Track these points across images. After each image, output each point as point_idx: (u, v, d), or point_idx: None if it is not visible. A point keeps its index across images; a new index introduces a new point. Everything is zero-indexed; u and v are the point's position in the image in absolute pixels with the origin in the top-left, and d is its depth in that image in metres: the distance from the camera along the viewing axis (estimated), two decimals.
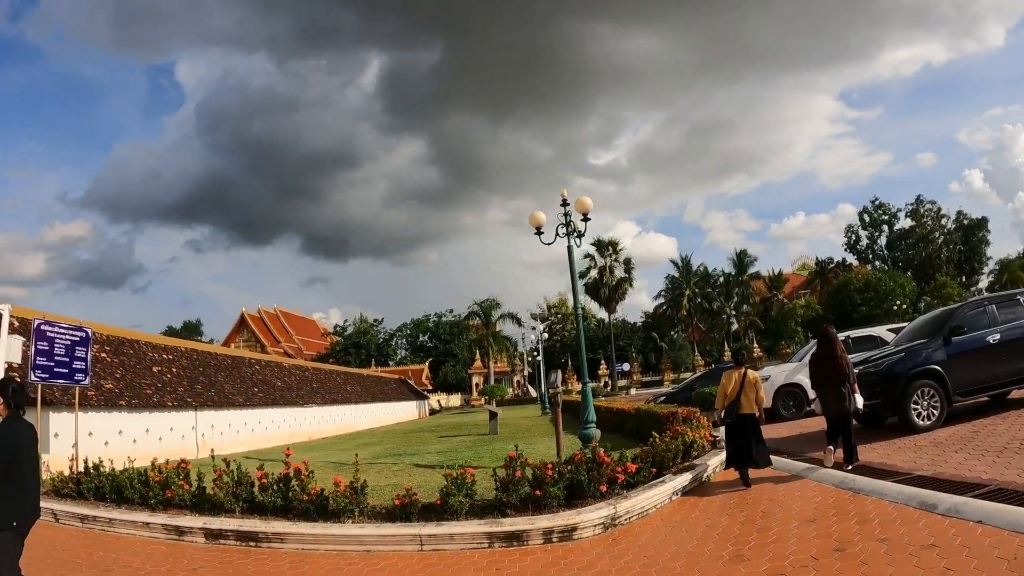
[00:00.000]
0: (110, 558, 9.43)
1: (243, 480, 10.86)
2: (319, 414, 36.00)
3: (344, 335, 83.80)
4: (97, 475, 13.19)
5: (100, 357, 23.41)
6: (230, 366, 31.73)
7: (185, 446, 24.17)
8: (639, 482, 9.69)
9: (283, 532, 9.30)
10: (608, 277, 70.09)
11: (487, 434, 24.15)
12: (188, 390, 26.41)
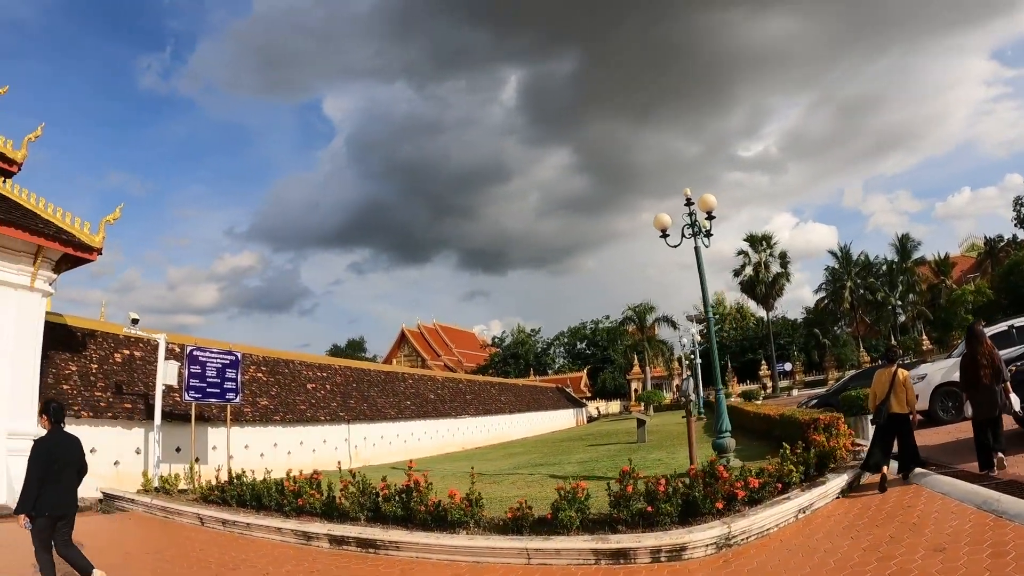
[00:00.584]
0: (239, 558, 9.96)
1: (367, 490, 11.18)
2: (472, 425, 36.43)
3: (503, 346, 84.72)
4: (240, 484, 13.84)
5: (256, 377, 24.74)
6: (383, 381, 32.58)
7: (338, 457, 24.82)
8: (762, 498, 9.06)
9: (399, 540, 9.46)
10: (764, 273, 66.97)
11: (635, 442, 23.70)
12: (341, 405, 27.29)
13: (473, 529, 9.52)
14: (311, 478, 12.63)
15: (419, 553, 9.14)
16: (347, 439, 26.32)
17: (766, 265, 67.32)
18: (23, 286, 16.01)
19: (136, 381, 19.66)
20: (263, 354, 26.64)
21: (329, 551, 10.08)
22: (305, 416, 24.78)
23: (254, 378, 24.61)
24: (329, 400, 27.07)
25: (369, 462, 25.67)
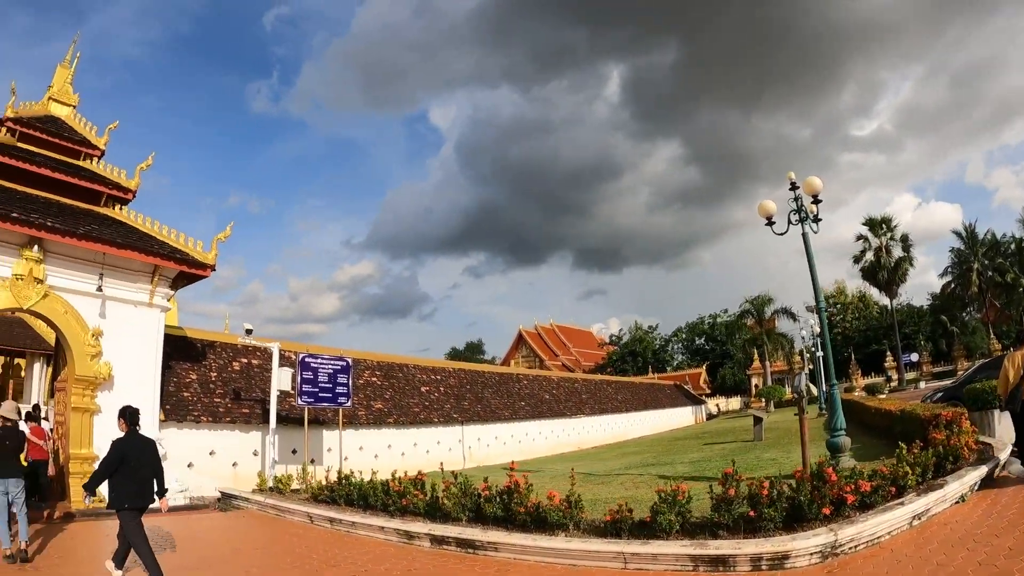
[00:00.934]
0: (341, 555, 10.14)
1: (469, 491, 11.20)
2: (588, 424, 36.18)
3: (620, 344, 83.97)
4: (347, 484, 14.09)
5: (371, 381, 25.28)
6: (498, 382, 32.73)
7: (451, 458, 25.10)
8: (874, 503, 8.44)
9: (497, 541, 9.41)
10: (885, 258, 62.82)
11: (751, 440, 23.03)
12: (455, 407, 27.54)
13: (572, 531, 9.36)
14: (415, 479, 12.78)
15: (516, 554, 9.07)
16: (461, 440, 26.53)
17: (887, 249, 63.26)
18: (142, 303, 17.04)
19: (253, 387, 20.35)
20: (377, 359, 27.15)
21: (429, 550, 10.14)
22: (419, 418, 25.14)
23: (368, 382, 25.14)
24: (443, 402, 27.34)
25: (483, 462, 25.79)
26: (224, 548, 11.38)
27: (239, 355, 21.36)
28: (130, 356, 16.50)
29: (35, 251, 15.05)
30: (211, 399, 19.13)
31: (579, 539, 8.84)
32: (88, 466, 14.70)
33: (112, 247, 15.92)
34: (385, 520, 11.75)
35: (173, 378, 18.72)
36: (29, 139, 17.07)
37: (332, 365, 19.59)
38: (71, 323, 15.67)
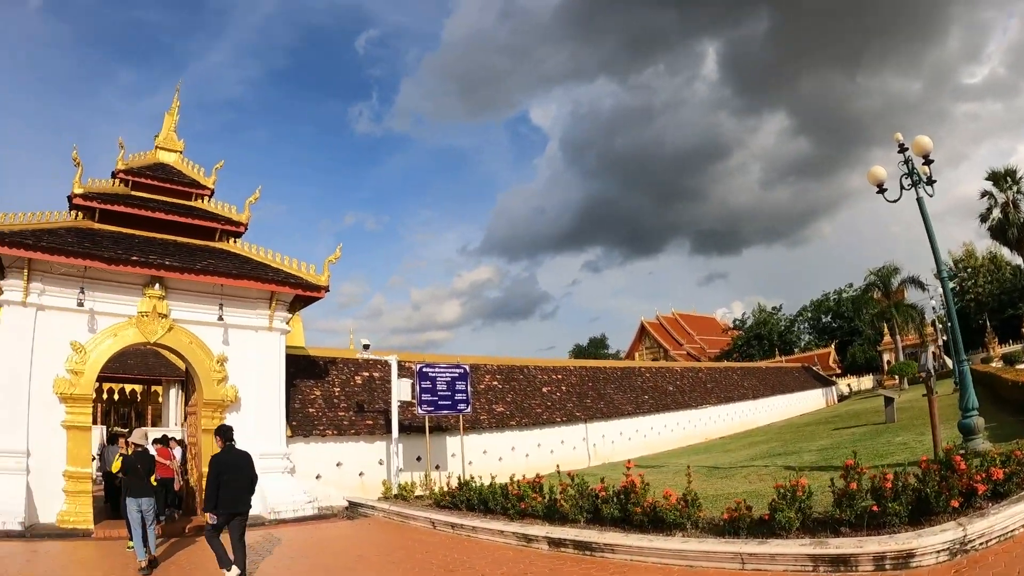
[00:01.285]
0: (460, 560, 10.27)
1: (586, 492, 11.20)
2: (713, 414, 35.46)
3: (744, 328, 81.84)
4: (468, 489, 14.33)
5: (492, 385, 25.51)
6: (620, 377, 32.45)
7: (576, 456, 25.12)
8: (1008, 492, 7.89)
9: (614, 543, 9.32)
10: (1013, 214, 57.66)
11: (882, 423, 22.13)
12: (577, 405, 27.46)
13: (690, 531, 9.22)
14: (533, 482, 12.85)
15: (633, 556, 8.94)
16: (585, 438, 26.41)
17: (1015, 204, 58.23)
18: (262, 327, 17.79)
19: (376, 399, 20.85)
20: (497, 363, 27.37)
21: (548, 553, 10.13)
22: (541, 419, 25.18)
23: (489, 387, 25.37)
24: (565, 401, 27.31)
25: (609, 459, 25.64)
26: (349, 555, 11.77)
27: (360, 369, 21.90)
28: (254, 378, 17.28)
29: (157, 289, 16.04)
30: (335, 413, 19.72)
31: (696, 539, 8.67)
32: None
33: (228, 279, 16.75)
34: (504, 524, 11.86)
35: (298, 395, 19.37)
36: (141, 187, 18.05)
37: (450, 373, 19.83)
38: (196, 352, 16.54)
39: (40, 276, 15.22)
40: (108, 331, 15.76)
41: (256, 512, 15.65)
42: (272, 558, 11.35)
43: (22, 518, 13.53)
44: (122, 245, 16.19)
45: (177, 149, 19.39)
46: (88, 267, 15.31)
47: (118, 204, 17.05)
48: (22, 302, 15.06)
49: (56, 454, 14.82)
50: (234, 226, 18.63)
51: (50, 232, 15.54)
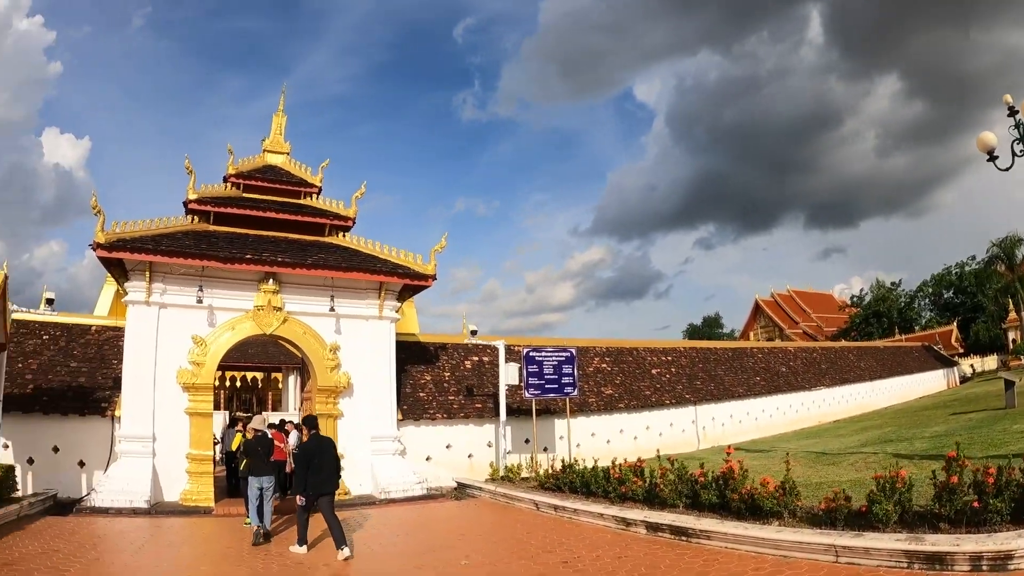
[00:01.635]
0: (558, 541, 10.57)
1: (684, 477, 11.40)
2: (827, 396, 34.45)
3: (862, 305, 78.70)
4: (571, 472, 14.62)
5: (601, 368, 25.65)
6: (731, 358, 32.04)
7: (686, 439, 25.06)
8: None
9: (709, 530, 9.42)
10: None
11: (1002, 408, 21.27)
12: (687, 387, 27.30)
13: (787, 520, 9.26)
14: (634, 466, 12.99)
15: (728, 543, 9.00)
16: (694, 421, 26.28)
17: None
18: (373, 316, 18.51)
19: (485, 383, 21.35)
20: (606, 345, 27.49)
21: (645, 537, 10.30)
22: (650, 401, 25.15)
23: (598, 369, 25.51)
24: (674, 383, 27.19)
25: (719, 442, 25.40)
26: (452, 534, 12.27)
27: (470, 354, 22.44)
28: (366, 365, 18.04)
29: (271, 284, 17.07)
30: (445, 397, 20.34)
31: (791, 529, 8.68)
32: None
33: (338, 271, 17.51)
34: (605, 507, 12.11)
35: (409, 380, 20.07)
36: (252, 188, 19.20)
37: (556, 357, 20.03)
38: (310, 341, 17.45)
39: (161, 277, 16.55)
40: (227, 325, 16.91)
41: (367, 492, 16.90)
42: (378, 535, 11.98)
43: (148, 497, 14.87)
44: (236, 244, 17.28)
45: (284, 151, 20.41)
46: (205, 267, 16.45)
47: (230, 206, 18.23)
48: (145, 301, 16.45)
49: (180, 439, 16.14)
50: (342, 221, 19.43)
51: (168, 236, 16.75)
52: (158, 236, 16.61)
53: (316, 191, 19.95)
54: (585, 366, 24.66)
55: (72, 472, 16.50)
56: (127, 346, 16.52)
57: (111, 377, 17.85)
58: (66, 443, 16.64)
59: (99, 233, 15.53)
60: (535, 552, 9.82)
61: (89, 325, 20.05)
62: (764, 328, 76.83)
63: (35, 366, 17.68)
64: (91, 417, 16.84)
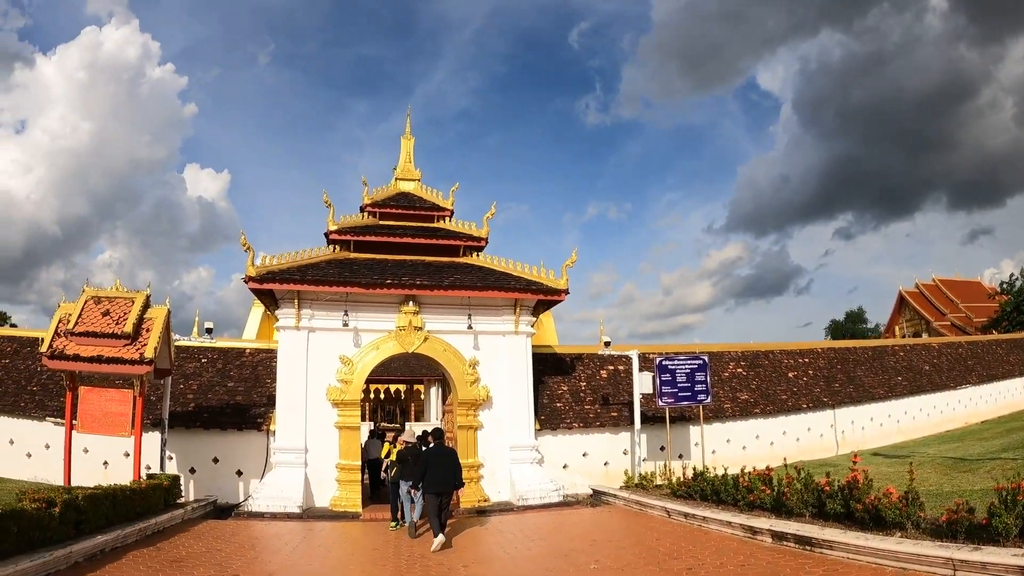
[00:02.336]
0: (684, 548, 11.06)
1: (810, 486, 11.59)
2: (974, 395, 32.93)
3: (1013, 291, 74.00)
4: (702, 479, 15.13)
5: (736, 373, 25.77)
6: (870, 358, 31.24)
7: (823, 444, 24.90)
8: None
9: (832, 540, 9.63)
10: None
11: None
12: (825, 390, 26.98)
13: (909, 531, 9.35)
14: (763, 474, 13.27)
15: (849, 554, 9.23)
16: (832, 425, 25.97)
17: None
18: (509, 332, 19.57)
19: (621, 392, 21.96)
20: (742, 349, 27.55)
21: (770, 546, 10.65)
22: (786, 406, 25.03)
23: (734, 374, 25.64)
24: (812, 386, 26.94)
25: (858, 447, 24.94)
26: (583, 540, 12.91)
27: (606, 363, 23.05)
28: (503, 378, 19.12)
29: (411, 305, 18.51)
30: (581, 407, 21.12)
31: (911, 541, 8.80)
32: (474, 472, 18.10)
33: (474, 291, 18.69)
34: (733, 515, 12.48)
35: (547, 391, 21.00)
36: (387, 216, 20.72)
37: (689, 364, 20.37)
38: (450, 358, 18.70)
39: (309, 303, 18.33)
40: (371, 345, 18.46)
41: (506, 499, 18.03)
42: (513, 539, 12.95)
43: (300, 502, 16.68)
44: (376, 270, 18.75)
45: (415, 177, 21.80)
46: (349, 293, 18.04)
47: (368, 235, 19.80)
48: (295, 326, 18.28)
49: (329, 450, 17.90)
50: (475, 241, 20.58)
51: (313, 266, 18.45)
52: (304, 267, 18.30)
53: (448, 214, 21.16)
54: (720, 371, 24.91)
55: (230, 480, 18.73)
56: (280, 367, 18.36)
57: (265, 395, 19.94)
58: (225, 455, 18.89)
59: (250, 267, 17.38)
60: (662, 558, 10.35)
61: (243, 348, 22.39)
62: (909, 322, 73.73)
63: (196, 387, 20.01)
64: (248, 431, 18.97)
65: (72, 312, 15.94)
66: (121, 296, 16.39)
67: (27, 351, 22.85)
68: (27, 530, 9.47)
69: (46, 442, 19.62)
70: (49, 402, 20.37)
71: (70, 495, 11.12)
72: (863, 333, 73.22)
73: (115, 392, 15.84)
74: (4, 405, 20.81)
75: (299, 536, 13.67)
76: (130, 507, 13.25)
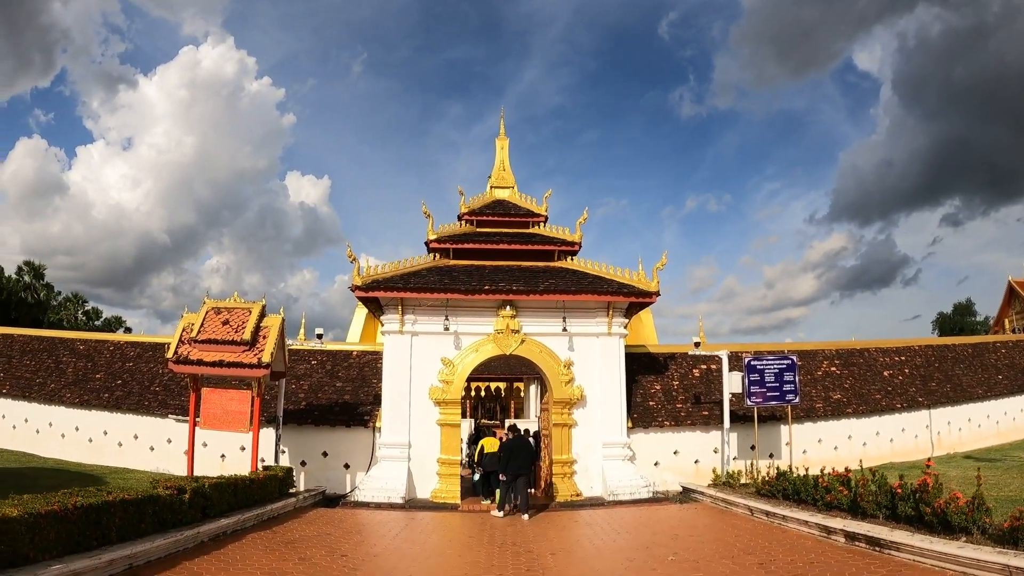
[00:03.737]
0: (761, 545, 11.84)
1: (884, 488, 12.17)
2: None
3: None
4: (784, 479, 15.75)
5: (830, 372, 25.89)
6: (970, 356, 30.65)
7: (918, 445, 24.84)
8: None
9: (899, 542, 10.20)
10: None
11: None
12: (920, 389, 26.77)
13: (975, 536, 9.77)
14: (840, 475, 13.85)
15: (914, 556, 9.77)
16: (928, 426, 25.79)
17: None
18: (602, 333, 20.44)
19: (713, 391, 22.54)
20: (836, 347, 27.55)
21: (842, 545, 11.29)
22: (880, 405, 25.02)
23: (827, 373, 25.74)
24: (907, 386, 26.78)
25: (955, 448, 24.97)
26: (666, 534, 13.81)
27: (699, 362, 23.66)
28: (597, 378, 20.06)
29: (508, 310, 19.70)
30: (673, 405, 21.88)
31: (972, 546, 9.22)
32: (568, 468, 19.31)
33: (568, 295, 19.66)
34: (810, 514, 13.15)
35: (639, 390, 21.86)
36: (484, 223, 22.03)
37: (778, 364, 20.77)
38: (546, 359, 19.79)
39: (411, 309, 19.85)
40: (471, 347, 19.79)
41: (597, 494, 19.10)
42: (600, 532, 14.04)
43: (403, 493, 18.35)
44: (474, 276, 20.06)
45: (509, 184, 23.03)
46: (449, 299, 19.42)
47: (466, 242, 21.15)
48: (399, 331, 19.86)
49: (432, 445, 19.42)
50: (568, 246, 21.53)
51: (415, 274, 19.98)
52: (406, 274, 19.85)
53: (542, 219, 22.23)
54: (813, 370, 25.17)
55: (338, 472, 20.63)
56: (385, 369, 19.96)
57: (371, 394, 21.65)
58: (333, 449, 20.79)
59: (356, 277, 19.11)
60: (737, 553, 11.16)
61: (350, 351, 24.37)
62: (1019, 314, 70.77)
63: (307, 387, 21.96)
64: (356, 428, 20.76)
65: (194, 322, 17.82)
66: (239, 307, 18.19)
67: (148, 355, 25.67)
68: (161, 512, 11.22)
69: (168, 437, 22.32)
70: (171, 401, 22.90)
71: (198, 483, 12.88)
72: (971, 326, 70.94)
73: (235, 392, 17.60)
74: (130, 404, 23.47)
75: (402, 523, 15.15)
76: (249, 495, 15.04)
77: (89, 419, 23.86)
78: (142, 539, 10.27)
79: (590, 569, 10.84)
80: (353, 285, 19.13)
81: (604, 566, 10.85)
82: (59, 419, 24.31)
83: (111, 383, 24.68)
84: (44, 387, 25.20)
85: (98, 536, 9.51)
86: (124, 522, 10.16)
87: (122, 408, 23.44)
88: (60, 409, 24.37)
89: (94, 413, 23.82)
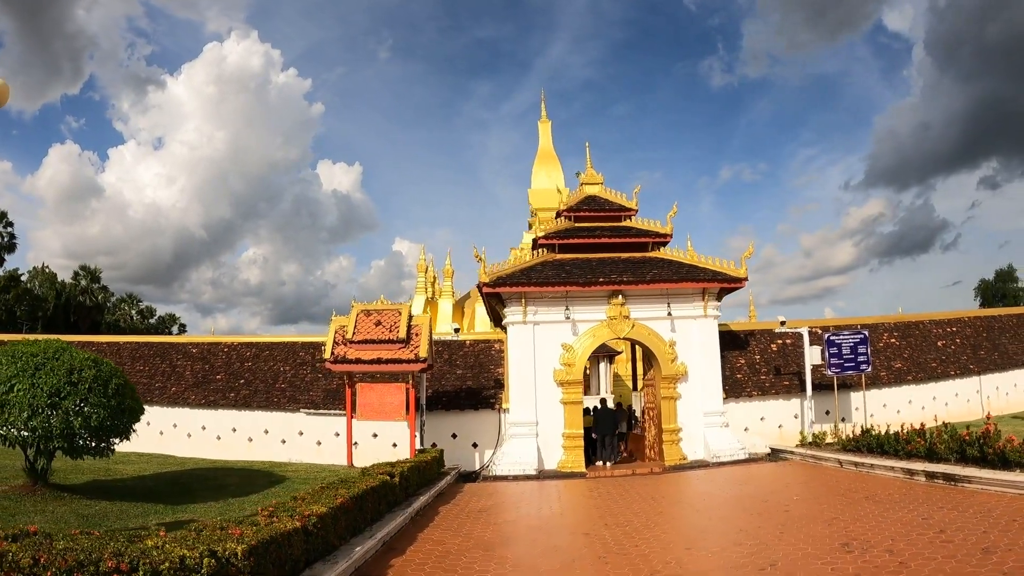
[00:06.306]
0: (856, 487, 14.96)
1: (955, 437, 15.43)
2: None
3: None
4: (868, 436, 18.96)
5: (890, 343, 28.72)
6: (1015, 325, 33.02)
7: (970, 409, 27.70)
8: None
9: (970, 475, 13.53)
10: None
11: None
12: (971, 357, 29.51)
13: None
14: (918, 430, 17.14)
15: (983, 485, 13.07)
16: (979, 391, 28.67)
17: None
18: (699, 316, 23.46)
19: (790, 363, 25.74)
20: (895, 320, 30.29)
21: (924, 483, 14.53)
22: (935, 373, 27.88)
23: (888, 344, 28.53)
24: (959, 354, 29.47)
25: (1002, 412, 27.40)
26: (776, 483, 17.24)
27: (775, 338, 26.64)
28: (696, 355, 23.06)
29: (619, 299, 22.67)
30: (757, 377, 25.12)
31: None
32: (674, 435, 22.32)
33: (671, 283, 22.69)
34: (895, 462, 16.39)
35: (728, 365, 24.92)
36: (580, 219, 24.71)
37: (852, 339, 23.70)
38: (654, 340, 22.87)
39: (533, 301, 22.80)
40: (588, 333, 22.87)
41: (700, 457, 22.24)
42: (712, 485, 17.57)
43: (535, 466, 21.35)
44: (585, 269, 23.02)
45: (598, 181, 25.69)
46: (568, 291, 22.42)
47: (572, 238, 24.03)
48: (522, 321, 22.82)
49: (556, 421, 22.42)
50: (661, 238, 24.43)
51: (531, 269, 22.92)
52: (525, 270, 22.85)
53: (633, 212, 24.91)
54: (875, 342, 27.52)
55: (467, 452, 23.44)
56: (511, 355, 22.97)
57: (491, 379, 24.59)
58: (462, 430, 23.65)
59: (482, 275, 22.16)
60: (844, 491, 14.43)
61: (464, 340, 27.03)
62: None
63: (430, 376, 23.64)
64: (483, 410, 23.68)
65: (347, 324, 19.96)
66: (387, 308, 20.61)
67: (265, 354, 27.65)
68: (385, 495, 12.93)
69: (299, 429, 24.39)
70: (300, 396, 25.04)
71: (402, 467, 14.71)
72: (1014, 293, 72.53)
73: (391, 386, 19.68)
74: (258, 401, 25.19)
75: (536, 489, 18.32)
76: (425, 475, 17.24)
77: (216, 418, 25.31)
78: (381, 520, 12.08)
79: (743, 509, 14.12)
80: (480, 283, 22.19)
81: (748, 507, 14.24)
82: (184, 420, 25.57)
83: (234, 383, 26.25)
84: (165, 391, 26.42)
85: (361, 520, 11.04)
86: (373, 506, 11.86)
87: (251, 406, 25.05)
88: (184, 411, 25.65)
89: (220, 412, 25.27)
